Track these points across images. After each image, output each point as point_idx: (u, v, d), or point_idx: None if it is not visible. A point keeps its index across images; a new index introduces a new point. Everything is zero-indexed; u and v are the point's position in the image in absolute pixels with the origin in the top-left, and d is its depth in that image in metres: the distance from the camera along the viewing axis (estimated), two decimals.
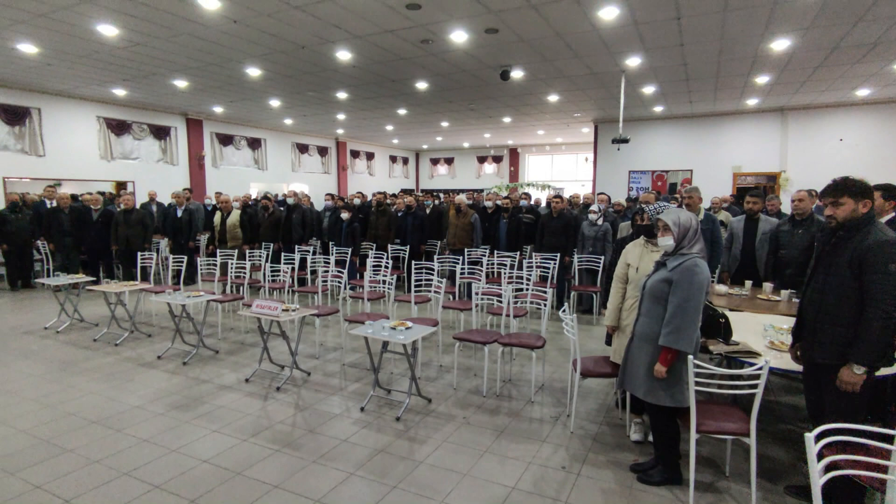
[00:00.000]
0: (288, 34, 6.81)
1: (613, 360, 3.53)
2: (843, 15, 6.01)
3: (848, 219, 2.47)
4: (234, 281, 6.79)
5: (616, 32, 6.69)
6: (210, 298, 5.26)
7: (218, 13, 6.02)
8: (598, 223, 6.82)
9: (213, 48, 7.42)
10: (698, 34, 6.73)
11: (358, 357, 5.23)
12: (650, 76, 9.05)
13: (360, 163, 19.88)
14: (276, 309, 4.33)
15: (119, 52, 7.62)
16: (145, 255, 7.08)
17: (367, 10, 5.92)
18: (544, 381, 4.57)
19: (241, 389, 4.35)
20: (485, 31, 6.67)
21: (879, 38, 6.83)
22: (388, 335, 3.77)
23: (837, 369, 2.44)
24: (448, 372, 4.79)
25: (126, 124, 11.78)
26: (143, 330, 6.12)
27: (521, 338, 4.29)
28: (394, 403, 4.05)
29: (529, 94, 10.67)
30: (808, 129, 11.84)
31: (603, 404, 4.08)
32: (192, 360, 5.07)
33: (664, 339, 2.68)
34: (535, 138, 18.47)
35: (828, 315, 2.48)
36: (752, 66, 8.28)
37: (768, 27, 6.46)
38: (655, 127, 13.51)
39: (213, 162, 13.97)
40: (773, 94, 10.41)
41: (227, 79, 9.32)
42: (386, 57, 7.89)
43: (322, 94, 10.70)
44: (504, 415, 3.88)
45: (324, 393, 4.29)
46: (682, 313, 2.65)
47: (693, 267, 2.68)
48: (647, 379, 2.81)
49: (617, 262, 3.87)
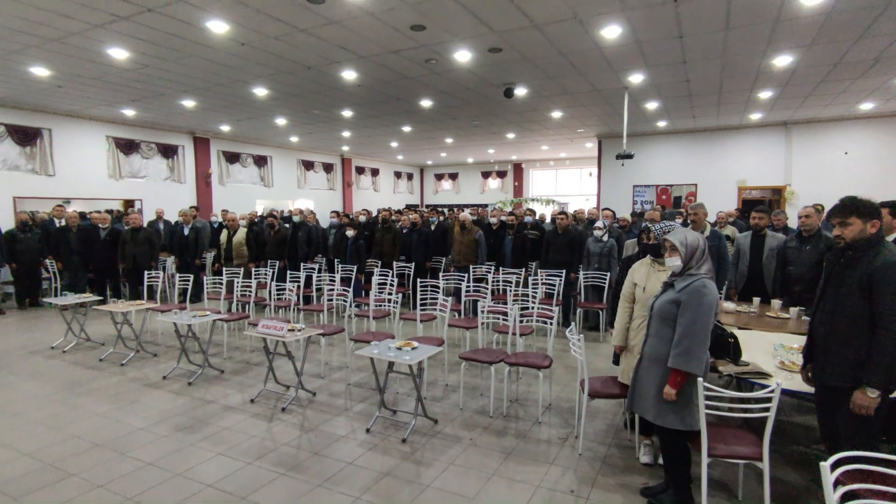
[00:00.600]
0: (294, 55, 6.92)
1: (622, 380, 3.49)
2: (844, 32, 6.04)
3: (856, 239, 2.45)
4: (239, 299, 6.80)
5: (618, 51, 6.75)
6: (216, 318, 5.26)
7: (226, 36, 6.12)
8: (603, 239, 6.80)
9: (220, 69, 7.54)
10: (700, 52, 6.78)
11: (363, 376, 5.20)
12: (653, 92, 9.10)
13: (366, 179, 20.01)
14: (281, 329, 4.32)
15: (129, 74, 7.76)
16: (152, 274, 7.11)
17: (373, 31, 6.01)
18: (551, 401, 4.52)
19: (247, 410, 4.33)
20: (488, 50, 6.75)
21: (881, 54, 6.85)
22: (394, 356, 3.75)
23: (850, 392, 2.40)
24: (454, 391, 4.75)
25: (134, 143, 11.94)
26: (149, 349, 6.12)
27: (528, 357, 4.26)
28: (399, 424, 4.01)
29: (533, 110, 10.75)
30: (812, 143, 11.83)
31: (611, 425, 4.03)
32: (197, 380, 5.06)
33: (673, 361, 2.65)
34: (539, 153, 18.55)
35: (839, 336, 2.45)
36: (754, 81, 8.32)
37: (770, 44, 6.49)
38: (659, 141, 13.54)
39: (220, 179, 14.10)
40: (776, 108, 10.43)
41: (234, 98, 9.45)
42: (390, 76, 7.99)
43: (327, 112, 10.82)
44: (511, 436, 3.83)
45: (329, 414, 4.26)
46: (691, 335, 2.62)
47: (701, 288, 2.66)
48: (656, 401, 2.77)
49: (623, 281, 3.86)
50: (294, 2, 5.16)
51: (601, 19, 5.70)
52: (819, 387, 2.61)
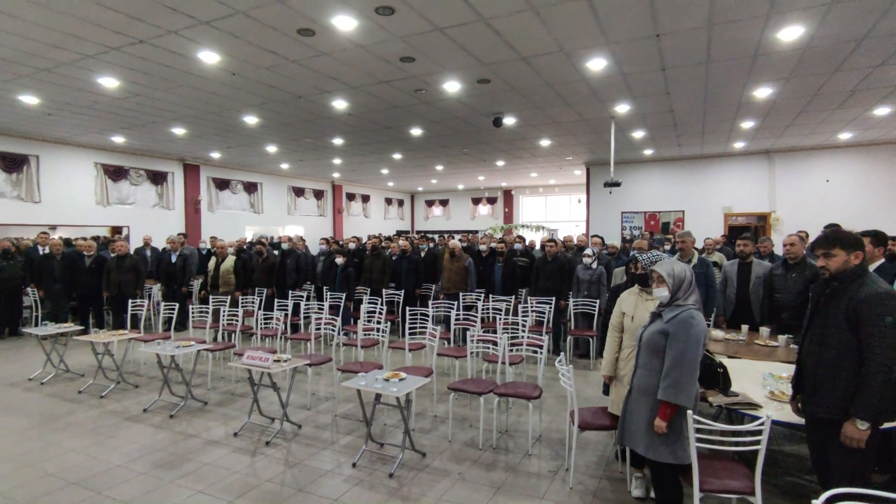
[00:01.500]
0: (285, 85, 7.00)
1: (612, 411, 3.45)
2: (820, 65, 6.24)
3: (840, 270, 2.47)
4: (225, 328, 6.69)
5: (604, 82, 6.91)
6: (200, 348, 5.16)
7: (217, 66, 6.19)
8: (592, 266, 6.82)
9: (211, 98, 7.60)
10: (683, 83, 6.96)
11: (351, 407, 5.10)
12: (639, 122, 9.30)
13: (356, 205, 20.06)
14: (266, 360, 4.24)
15: (119, 103, 7.79)
16: (136, 302, 6.99)
17: (363, 63, 6.11)
18: (542, 432, 4.44)
19: (229, 444, 4.20)
20: (477, 81, 6.88)
21: (857, 86, 7.08)
22: (381, 387, 3.68)
23: (840, 424, 2.38)
24: (443, 423, 4.66)
25: (123, 170, 11.90)
26: (131, 380, 5.96)
27: (518, 387, 4.20)
28: (387, 458, 3.91)
29: (522, 139, 10.91)
30: (794, 171, 12.10)
31: (602, 457, 3.96)
32: (179, 412, 4.92)
33: (663, 393, 2.62)
34: (528, 180, 18.77)
35: (827, 368, 2.45)
36: (736, 111, 8.53)
37: (750, 76, 6.69)
38: (646, 169, 13.77)
39: (210, 206, 14.05)
40: (758, 137, 10.69)
41: (224, 126, 9.50)
42: (381, 105, 8.09)
43: (318, 140, 10.90)
44: (501, 469, 3.74)
45: (315, 447, 4.15)
46: (680, 367, 2.60)
47: (689, 319, 2.66)
48: (647, 434, 2.73)
49: (609, 309, 3.86)
50: (285, 34, 5.24)
51: (586, 52, 5.85)
52: (809, 418, 2.59)
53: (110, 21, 4.90)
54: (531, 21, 4.97)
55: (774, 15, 4.85)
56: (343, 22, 4.96)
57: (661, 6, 4.68)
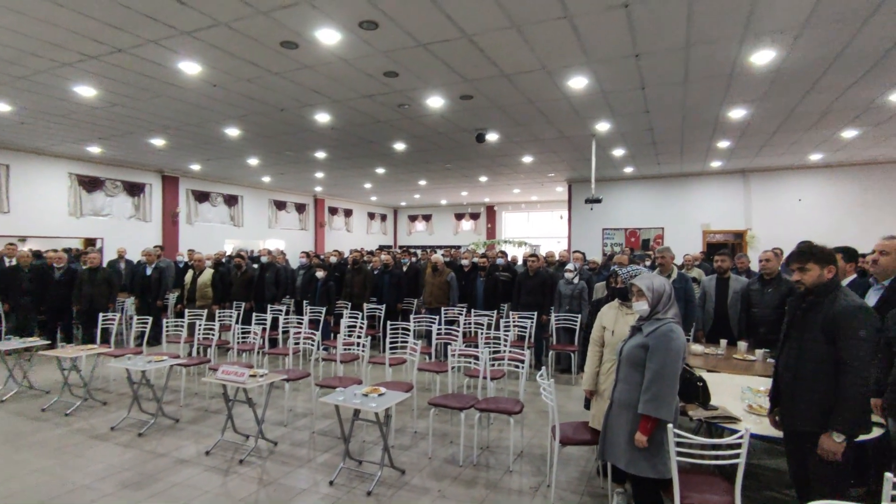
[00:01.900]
0: (267, 98, 6.96)
1: (593, 426, 3.42)
2: (793, 86, 6.45)
3: (815, 284, 2.51)
4: (201, 342, 6.51)
5: (585, 100, 7.03)
6: (173, 363, 5.00)
7: (198, 77, 6.13)
8: (573, 281, 6.85)
9: (192, 110, 7.51)
10: (662, 102, 7.12)
11: (329, 424, 4.98)
12: (619, 140, 9.46)
13: (338, 219, 19.94)
14: (242, 375, 4.12)
15: (96, 113, 7.64)
16: (108, 316, 6.78)
17: (346, 77, 6.12)
18: (523, 448, 4.39)
19: (201, 463, 4.05)
20: (460, 97, 6.93)
21: (828, 108, 7.33)
22: (360, 403, 3.60)
23: (818, 437, 2.39)
24: (423, 439, 4.57)
25: (99, 181, 11.65)
26: (99, 398, 5.74)
27: (499, 402, 4.16)
28: (365, 476, 3.81)
29: (504, 155, 11.01)
30: (769, 190, 12.43)
31: (584, 472, 3.92)
32: (149, 430, 4.74)
33: (643, 407, 2.61)
34: (511, 196, 18.91)
35: (805, 381, 2.47)
36: (713, 131, 8.75)
37: (726, 97, 6.88)
38: (627, 186, 13.99)
39: (188, 218, 13.81)
40: (734, 157, 10.97)
41: (205, 138, 9.38)
42: (364, 120, 8.09)
43: (300, 153, 10.84)
44: (482, 486, 3.68)
45: (290, 465, 4.03)
46: (660, 380, 2.60)
47: (669, 333, 2.67)
48: (628, 449, 2.71)
49: (590, 323, 3.86)
50: (267, 46, 5.22)
51: (567, 71, 5.95)
52: (787, 432, 2.60)
53: (89, 29, 4.83)
54: (513, 39, 5.04)
55: (750, 36, 4.99)
56: (326, 35, 4.96)
57: (640, 27, 4.79)
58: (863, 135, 8.87)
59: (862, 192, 11.54)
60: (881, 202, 11.37)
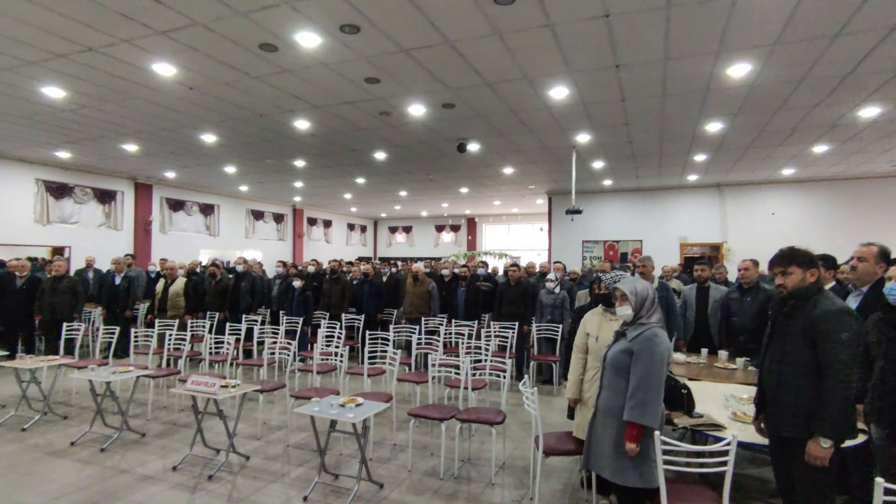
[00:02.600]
0: (246, 103, 6.82)
1: (577, 435, 3.34)
2: (765, 103, 6.60)
3: (797, 287, 2.49)
4: (171, 353, 6.25)
5: (566, 111, 7.08)
6: (140, 374, 4.77)
7: (173, 79, 5.97)
8: (555, 291, 6.82)
9: (166, 114, 7.32)
10: (641, 115, 7.21)
11: (304, 437, 4.79)
12: (599, 152, 9.56)
13: (317, 230, 19.69)
14: (213, 385, 3.94)
15: (65, 115, 7.39)
16: (72, 326, 6.47)
17: (327, 82, 6.04)
18: (505, 460, 4.28)
19: (167, 480, 3.84)
20: (442, 105, 6.91)
21: (797, 125, 7.53)
22: (336, 413, 3.46)
23: (804, 442, 2.35)
24: (402, 451, 4.43)
25: (67, 187, 11.26)
26: (59, 411, 5.44)
27: (480, 413, 4.05)
28: (341, 490, 3.65)
29: (486, 166, 11.02)
30: (743, 204, 12.70)
31: (567, 484, 3.83)
32: (112, 445, 4.49)
33: (629, 413, 2.54)
34: (491, 208, 18.96)
35: (788, 386, 2.44)
36: (690, 144, 8.91)
37: (702, 111, 7.00)
38: (606, 199, 14.13)
39: (162, 227, 13.44)
40: (710, 171, 11.19)
41: (180, 144, 9.16)
42: (345, 127, 8.01)
43: (279, 161, 10.67)
44: (463, 500, 3.55)
45: (263, 480, 3.84)
46: (645, 386, 2.54)
47: (653, 337, 2.62)
48: (613, 457, 2.63)
49: (573, 331, 3.80)
50: (246, 48, 5.12)
51: (549, 80, 5.98)
52: (773, 438, 2.56)
53: (57, 26, 4.65)
54: (496, 46, 5.04)
55: (724, 52, 5.10)
56: (307, 38, 4.88)
57: (620, 38, 4.84)
58: (832, 150, 9.14)
59: (832, 206, 11.89)
60: (851, 216, 11.71)
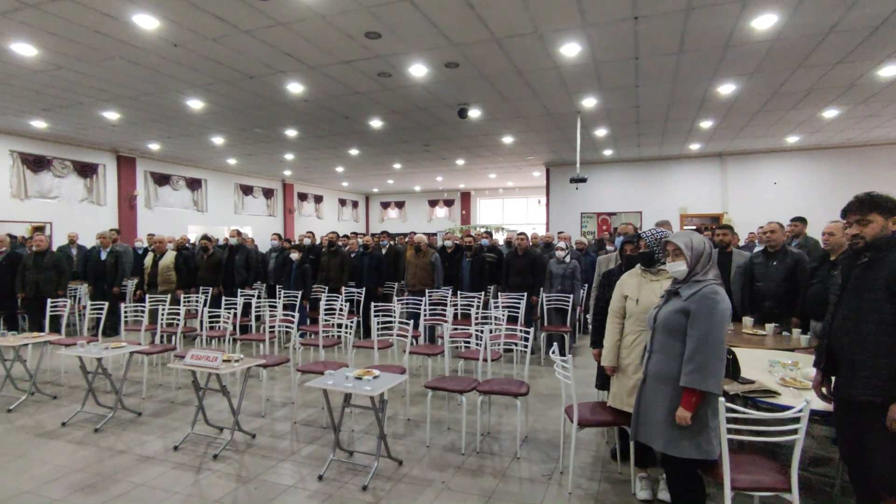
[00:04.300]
0: (235, 62, 6.36)
1: (612, 405, 3.12)
2: (785, 60, 6.30)
3: (876, 238, 2.25)
4: (164, 329, 5.93)
5: (575, 70, 6.72)
6: (134, 350, 4.45)
7: (156, 35, 5.50)
8: (565, 260, 6.58)
9: (149, 75, 6.82)
10: (653, 75, 6.88)
11: (311, 413, 4.54)
12: (603, 118, 9.23)
13: (308, 206, 19.21)
14: (215, 360, 3.65)
15: (39, 78, 6.85)
16: (57, 303, 6.11)
17: (324, 37, 5.60)
18: (527, 433, 4.07)
19: (169, 460, 3.57)
20: (445, 65, 6.51)
21: (813, 86, 7.25)
22: (353, 386, 3.19)
23: (883, 407, 2.14)
24: (417, 426, 4.20)
25: (45, 160, 10.68)
26: (47, 391, 5.12)
27: (503, 384, 3.82)
28: (358, 469, 3.41)
29: (485, 134, 10.65)
30: (745, 173, 12.50)
31: (597, 456, 3.63)
32: (106, 425, 4.20)
33: (686, 378, 2.31)
34: (486, 182, 18.61)
35: (866, 346, 2.20)
36: (698, 109, 8.61)
37: (717, 70, 6.69)
38: (606, 170, 13.84)
39: (147, 203, 12.92)
40: (714, 139, 10.93)
41: (165, 111, 8.65)
42: (341, 91, 7.57)
43: (270, 131, 10.19)
44: (489, 475, 3.34)
45: (272, 459, 3.59)
46: (706, 348, 2.30)
47: (712, 295, 2.37)
48: (667, 427, 2.41)
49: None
50: None
51: (561, 35, 5.61)
52: (843, 404, 2.35)
53: None
54: None
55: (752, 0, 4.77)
56: None
57: None
58: (842, 115, 8.91)
59: (836, 175, 11.73)
60: (856, 184, 11.50)
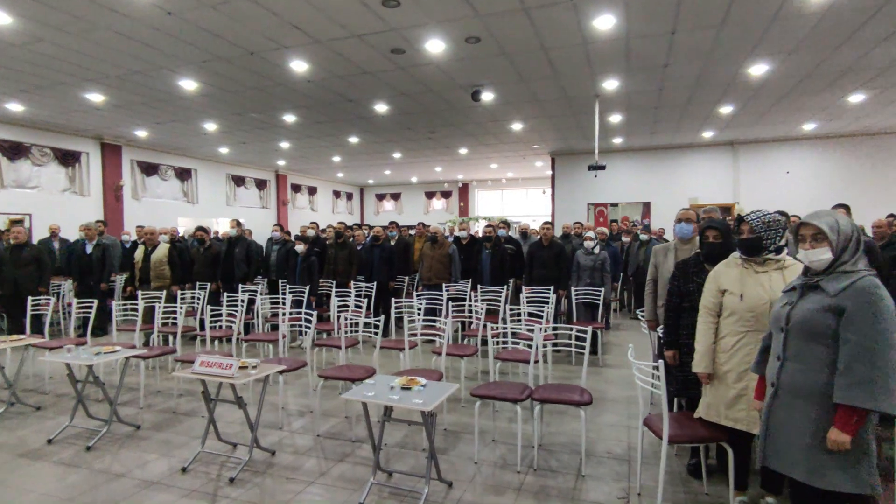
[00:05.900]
0: (235, 35, 5.76)
1: (707, 417, 2.67)
2: (831, 36, 5.90)
3: None
4: (161, 330, 5.36)
5: (604, 48, 6.25)
6: (129, 354, 3.90)
7: (147, 2, 4.89)
8: (594, 251, 6.13)
9: (139, 50, 6.18)
10: (686, 53, 6.43)
11: (335, 424, 4.04)
12: (622, 102, 8.78)
13: (302, 197, 18.55)
14: (229, 367, 3.13)
15: (15, 53, 6.18)
16: (39, 301, 5.50)
17: (336, 5, 5.04)
18: (586, 446, 3.62)
19: (177, 485, 3.05)
20: (465, 39, 5.99)
21: (854, 64, 6.86)
22: (400, 399, 2.70)
23: None
24: (459, 439, 3.72)
25: (23, 147, 9.94)
26: (30, 401, 4.54)
27: (560, 391, 3.35)
28: (403, 494, 2.92)
29: (494, 120, 10.15)
30: (756, 163, 12.18)
31: (671, 473, 3.18)
32: (100, 442, 3.65)
33: (844, 394, 1.84)
34: (486, 172, 18.10)
35: None
36: (723, 93, 8.21)
37: (756, 48, 6.27)
38: (615, 159, 13.37)
39: (134, 193, 12.21)
40: (730, 126, 10.55)
41: (155, 93, 7.99)
42: (348, 70, 7.00)
43: (267, 115, 9.57)
44: (555, 498, 2.87)
45: (299, 482, 3.09)
46: (870, 357, 1.83)
47: (872, 288, 1.90)
48: (810, 453, 1.95)
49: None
50: None
51: (598, 5, 5.13)
52: None
53: None
54: None
55: None
56: None
57: None
58: (868, 100, 8.58)
59: (850, 164, 11.48)
60: (865, 173, 11.34)
